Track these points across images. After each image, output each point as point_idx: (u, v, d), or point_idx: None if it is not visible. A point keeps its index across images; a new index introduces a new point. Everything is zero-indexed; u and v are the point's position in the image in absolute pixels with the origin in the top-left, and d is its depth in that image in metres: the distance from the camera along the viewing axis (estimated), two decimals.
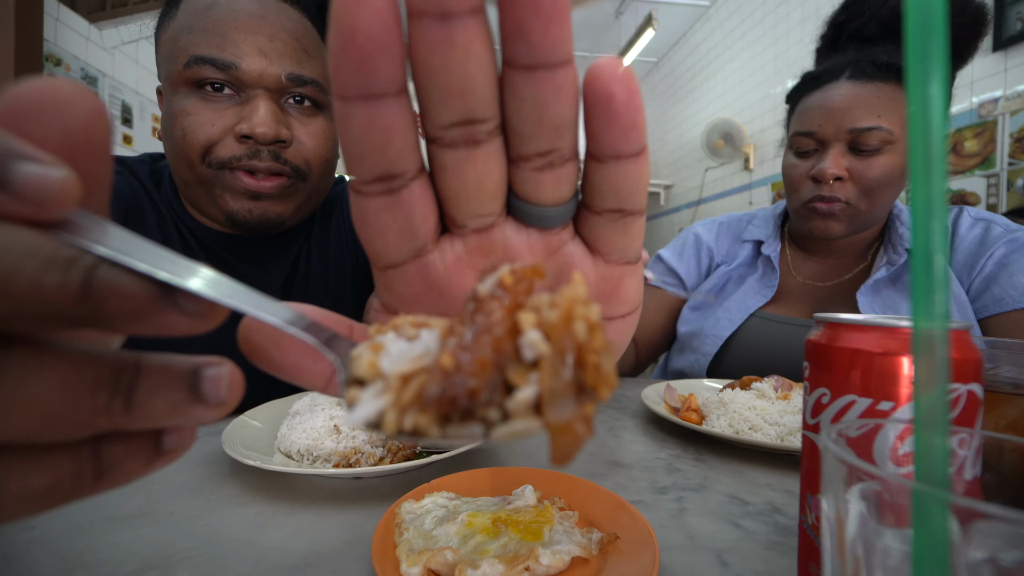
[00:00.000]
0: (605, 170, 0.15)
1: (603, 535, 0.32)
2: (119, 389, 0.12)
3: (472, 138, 0.14)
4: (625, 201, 0.16)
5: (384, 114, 0.13)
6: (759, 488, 0.44)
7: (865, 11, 0.74)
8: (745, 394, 0.60)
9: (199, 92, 0.56)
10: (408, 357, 0.13)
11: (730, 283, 0.92)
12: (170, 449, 0.14)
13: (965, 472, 0.17)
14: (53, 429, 0.12)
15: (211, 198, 0.60)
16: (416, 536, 0.31)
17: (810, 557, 0.25)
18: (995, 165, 1.85)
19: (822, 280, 0.86)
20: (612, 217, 0.17)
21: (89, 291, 0.11)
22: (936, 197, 0.12)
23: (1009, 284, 0.71)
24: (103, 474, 0.13)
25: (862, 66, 0.70)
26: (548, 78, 0.13)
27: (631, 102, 0.14)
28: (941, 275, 0.12)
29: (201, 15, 0.56)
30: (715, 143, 3.19)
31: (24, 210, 0.11)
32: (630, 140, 0.15)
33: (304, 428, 0.48)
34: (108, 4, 2.37)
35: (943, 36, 0.11)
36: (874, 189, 0.72)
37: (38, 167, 0.11)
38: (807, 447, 0.26)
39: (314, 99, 0.61)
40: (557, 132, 0.14)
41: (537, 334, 0.12)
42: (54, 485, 0.12)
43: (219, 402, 0.13)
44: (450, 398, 0.12)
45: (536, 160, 0.15)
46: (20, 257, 0.11)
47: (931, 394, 0.13)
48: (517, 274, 0.13)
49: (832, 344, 0.24)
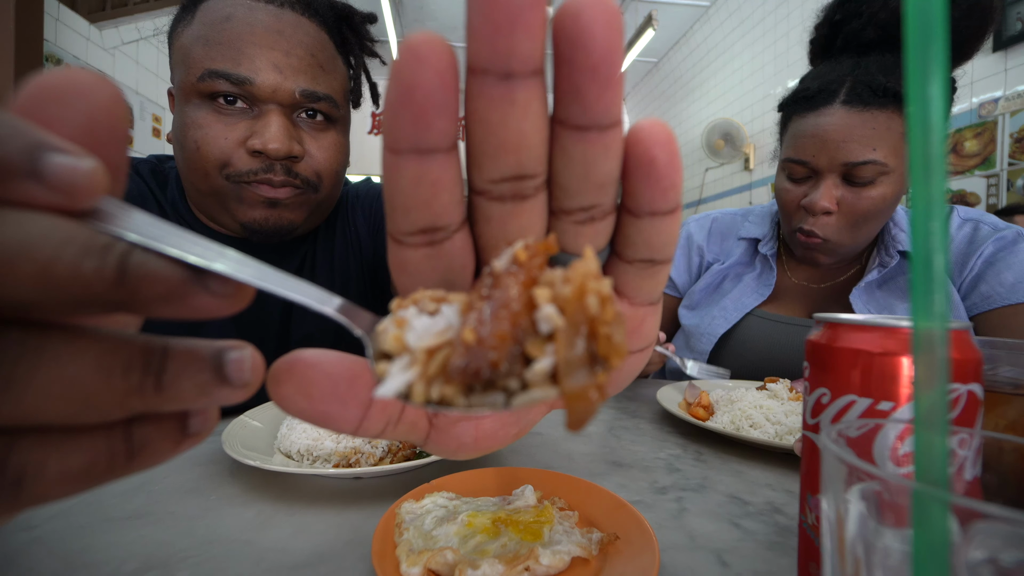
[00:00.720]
0: (640, 224, 0.16)
1: (603, 535, 0.32)
2: (150, 370, 0.13)
3: (520, 193, 0.15)
4: (656, 253, 0.17)
5: (434, 169, 0.14)
6: (759, 488, 0.44)
7: (863, 12, 0.71)
8: (756, 393, 0.61)
9: (212, 104, 0.56)
10: (432, 332, 0.13)
11: (727, 280, 0.92)
12: (195, 431, 0.14)
13: (965, 472, 0.17)
14: (91, 409, 0.12)
15: (225, 208, 0.60)
16: (416, 536, 0.31)
17: (810, 557, 0.25)
18: (995, 165, 1.85)
19: (817, 281, 0.86)
20: (642, 266, 0.17)
21: (124, 276, 0.11)
22: (936, 197, 0.12)
23: (996, 281, 0.71)
24: (135, 454, 0.14)
25: (858, 90, 0.68)
26: (598, 139, 0.14)
27: (671, 164, 0.15)
28: (941, 275, 0.12)
29: (217, 27, 0.56)
30: (715, 143, 3.20)
31: (57, 200, 0.11)
32: (668, 199, 0.15)
33: (304, 428, 0.48)
34: (108, 4, 2.37)
35: (943, 36, 0.11)
36: (861, 222, 0.72)
37: (69, 158, 0.11)
38: (807, 447, 0.26)
39: (327, 113, 0.61)
40: (602, 189, 0.15)
41: (552, 308, 0.12)
42: (91, 465, 0.13)
43: (243, 383, 0.14)
44: (474, 370, 0.12)
45: (579, 215, 0.15)
46: (58, 245, 0.11)
47: (931, 394, 0.13)
48: (531, 249, 0.13)
49: (832, 344, 0.24)
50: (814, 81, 0.73)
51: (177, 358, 0.13)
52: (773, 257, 0.88)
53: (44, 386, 0.12)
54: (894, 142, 0.67)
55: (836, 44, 0.76)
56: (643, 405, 0.71)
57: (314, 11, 0.61)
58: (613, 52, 0.13)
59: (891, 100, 0.67)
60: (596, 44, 0.12)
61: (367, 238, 0.77)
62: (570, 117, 0.14)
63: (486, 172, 0.14)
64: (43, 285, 0.11)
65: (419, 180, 0.14)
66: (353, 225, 0.77)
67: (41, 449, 0.12)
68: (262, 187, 0.58)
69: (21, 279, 0.11)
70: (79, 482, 0.13)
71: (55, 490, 0.13)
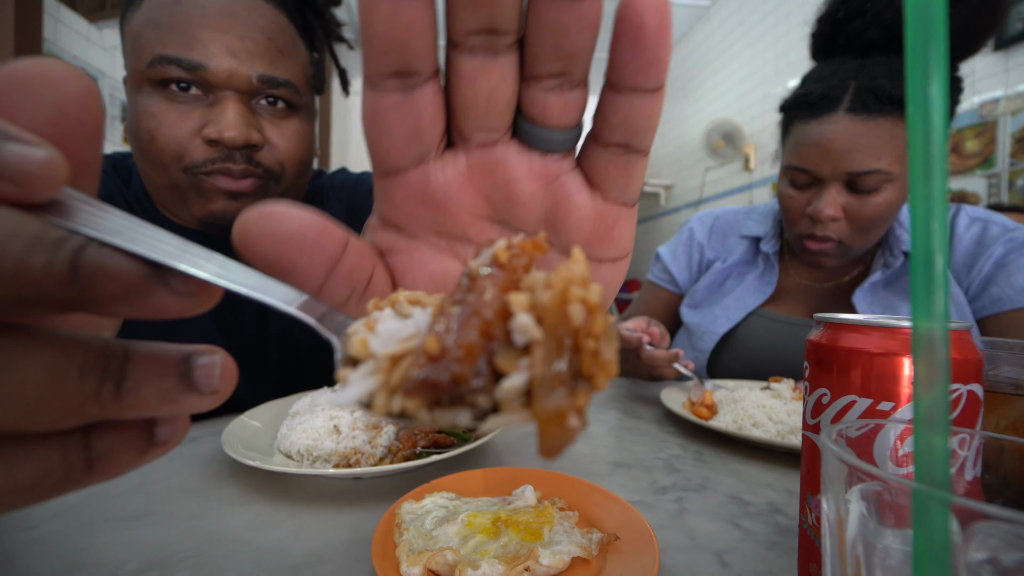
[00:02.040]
0: (620, 101, 0.16)
1: (603, 535, 0.32)
2: (109, 376, 0.12)
3: (492, 47, 0.15)
4: (632, 137, 0.17)
5: (408, 10, 0.14)
6: (759, 488, 0.44)
7: (867, 11, 0.69)
8: (759, 393, 0.61)
9: (164, 91, 0.53)
10: (398, 338, 0.12)
11: (730, 279, 0.92)
12: (163, 440, 0.14)
13: (965, 472, 0.17)
14: (40, 417, 0.11)
15: (183, 202, 0.58)
16: (416, 536, 0.31)
17: (810, 557, 0.25)
18: (996, 165, 1.85)
19: (820, 281, 0.86)
20: (617, 152, 0.17)
21: (77, 272, 0.11)
22: (936, 197, 0.12)
23: (1007, 284, 0.71)
24: (94, 465, 0.13)
25: (863, 97, 0.67)
26: (571, 8, 0.14)
27: (660, 34, 0.15)
28: (941, 275, 0.12)
29: (167, 10, 0.53)
30: (715, 143, 3.19)
31: (8, 190, 0.11)
32: (651, 74, 0.15)
33: (304, 428, 0.48)
34: (108, 4, 2.37)
35: (943, 37, 0.11)
36: (869, 227, 0.71)
37: (23, 147, 0.11)
38: (807, 447, 0.26)
39: (288, 100, 0.59)
40: (572, 59, 0.15)
41: (527, 318, 0.11)
42: (42, 477, 0.12)
43: (211, 390, 0.13)
44: (432, 383, 0.11)
45: (547, 81, 0.16)
46: (3, 238, 0.10)
47: (931, 394, 0.13)
48: (514, 248, 0.12)
49: (833, 344, 0.24)
50: (816, 84, 0.72)
51: (139, 363, 0.12)
52: (775, 256, 0.88)
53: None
54: (898, 149, 0.67)
55: (839, 42, 0.74)
56: (643, 405, 0.71)
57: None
58: None
59: (896, 107, 0.66)
60: None
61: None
62: None
63: (460, 23, 0.15)
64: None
65: (394, 20, 0.14)
66: (331, 216, 0.76)
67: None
68: (221, 178, 0.56)
69: None
70: (29, 494, 0.12)
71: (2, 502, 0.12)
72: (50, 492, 0.12)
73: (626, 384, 0.84)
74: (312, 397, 0.54)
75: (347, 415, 0.49)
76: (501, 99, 0.16)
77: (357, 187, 0.77)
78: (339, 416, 0.49)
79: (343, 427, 0.47)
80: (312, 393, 0.56)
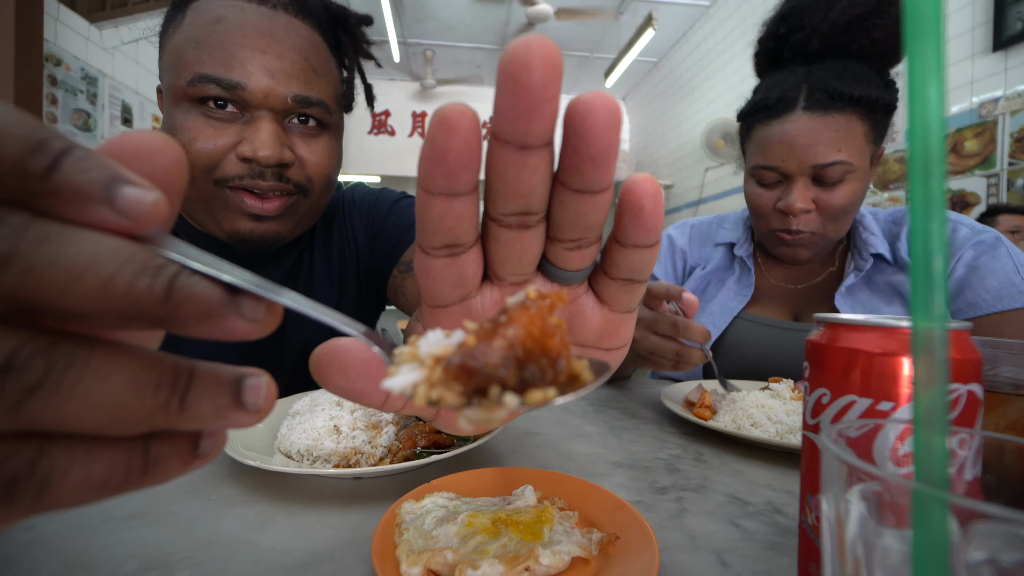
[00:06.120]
0: (625, 252, 0.20)
1: (603, 535, 0.32)
2: (177, 390, 0.14)
3: (524, 224, 0.18)
4: (636, 274, 0.21)
5: (458, 207, 0.17)
6: (759, 488, 0.44)
7: (806, 24, 0.73)
8: (758, 393, 0.61)
9: (201, 108, 0.55)
10: (442, 344, 0.15)
11: (711, 286, 0.94)
12: (205, 452, 0.15)
13: (965, 472, 0.17)
14: (120, 423, 0.13)
15: (211, 214, 0.59)
16: (416, 536, 0.31)
17: (810, 557, 0.25)
18: (995, 165, 1.85)
19: (794, 283, 0.88)
20: (624, 284, 0.21)
21: (171, 294, 0.13)
22: (935, 197, 0.12)
23: (981, 288, 0.72)
24: (148, 469, 0.14)
25: (816, 96, 0.70)
26: (590, 199, 0.17)
27: (656, 212, 0.18)
28: (940, 275, 0.12)
29: (208, 29, 0.54)
30: (715, 143, 3.20)
31: (124, 224, 0.13)
32: (650, 237, 0.19)
33: (304, 428, 0.48)
34: (108, 4, 2.37)
35: (940, 38, 0.11)
36: (838, 215, 0.74)
37: (139, 190, 0.13)
38: (807, 447, 0.26)
39: (319, 119, 0.60)
40: (589, 230, 0.19)
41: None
42: (109, 475, 0.14)
43: (256, 409, 0.15)
44: (467, 368, 0.14)
45: (569, 243, 0.19)
46: (122, 263, 0.12)
47: (931, 394, 0.13)
48: (542, 293, 0.16)
49: (832, 344, 0.24)
50: (771, 90, 0.75)
51: (202, 379, 0.14)
52: (749, 258, 0.91)
53: (84, 396, 0.12)
54: (856, 142, 0.71)
55: (783, 55, 0.79)
56: (643, 406, 0.71)
57: (308, 13, 0.59)
58: (611, 145, 0.16)
59: (848, 104, 0.70)
60: (597, 139, 0.16)
61: (364, 242, 0.77)
62: (569, 183, 0.17)
63: (499, 207, 0.18)
64: (102, 298, 0.12)
65: (446, 214, 0.17)
66: (351, 229, 0.77)
67: (69, 456, 0.13)
68: (247, 197, 0.57)
69: (85, 291, 0.12)
70: (96, 491, 0.14)
71: (72, 497, 0.13)
72: (113, 490, 0.14)
73: (626, 384, 0.84)
74: (312, 397, 0.54)
75: (347, 415, 0.49)
76: (530, 254, 0.19)
77: (377, 203, 0.79)
78: (339, 416, 0.49)
79: (343, 427, 0.47)
80: (312, 393, 0.56)
